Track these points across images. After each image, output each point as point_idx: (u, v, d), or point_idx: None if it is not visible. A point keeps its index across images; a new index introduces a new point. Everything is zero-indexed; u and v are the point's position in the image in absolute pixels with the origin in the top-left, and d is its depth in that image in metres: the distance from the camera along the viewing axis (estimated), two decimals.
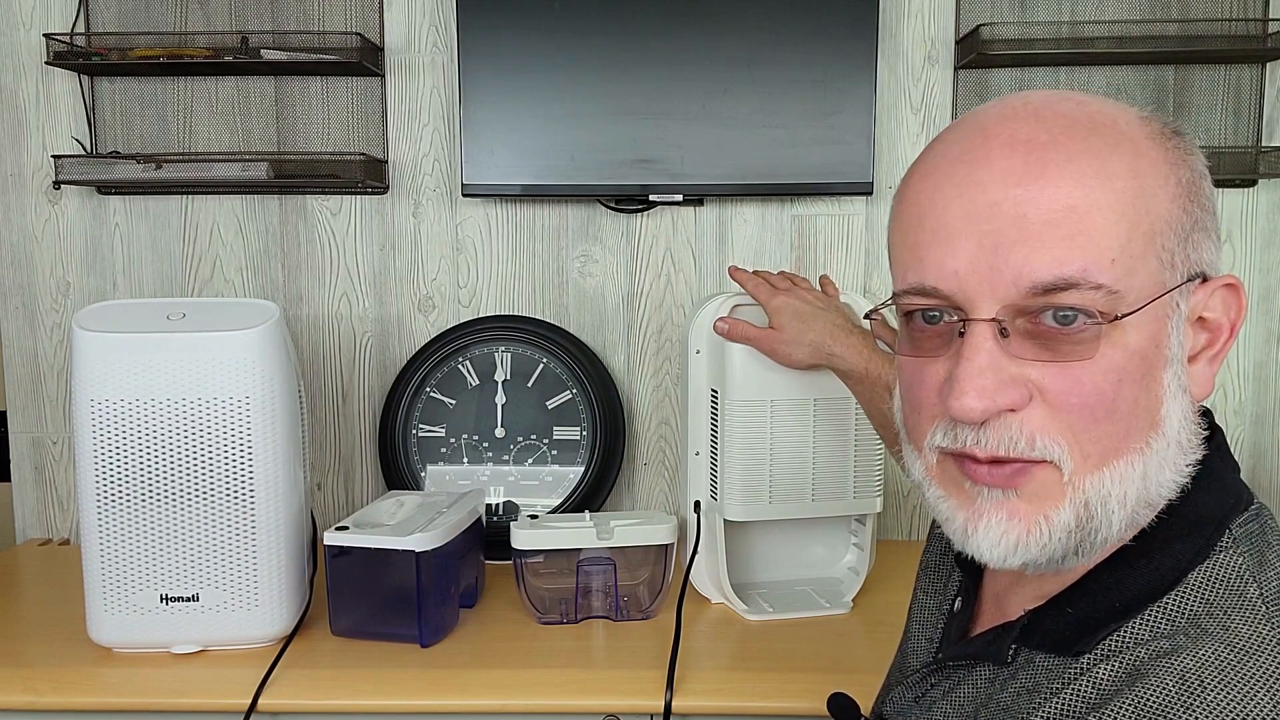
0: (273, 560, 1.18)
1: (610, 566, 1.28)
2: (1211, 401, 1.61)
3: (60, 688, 1.12)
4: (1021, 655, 0.60)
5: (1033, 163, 0.53)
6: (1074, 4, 1.54)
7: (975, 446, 0.55)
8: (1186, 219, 0.55)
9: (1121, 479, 0.54)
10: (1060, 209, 0.52)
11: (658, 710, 1.07)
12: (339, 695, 1.11)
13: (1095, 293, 0.52)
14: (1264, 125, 1.55)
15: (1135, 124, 0.56)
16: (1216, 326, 0.58)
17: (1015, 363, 0.54)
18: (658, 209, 1.60)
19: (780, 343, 1.17)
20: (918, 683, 0.69)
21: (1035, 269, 0.52)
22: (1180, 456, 0.57)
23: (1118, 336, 0.53)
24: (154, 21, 1.57)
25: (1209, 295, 0.57)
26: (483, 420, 1.57)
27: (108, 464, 1.14)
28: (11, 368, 1.64)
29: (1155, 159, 0.55)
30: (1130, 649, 0.54)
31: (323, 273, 1.62)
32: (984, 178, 0.54)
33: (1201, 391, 0.58)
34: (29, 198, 1.61)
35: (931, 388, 0.57)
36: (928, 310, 0.56)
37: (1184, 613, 0.54)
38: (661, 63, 1.48)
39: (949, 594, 0.74)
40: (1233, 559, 0.55)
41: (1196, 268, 0.56)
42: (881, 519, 1.41)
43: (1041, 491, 0.55)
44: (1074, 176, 0.53)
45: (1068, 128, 0.54)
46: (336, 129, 1.60)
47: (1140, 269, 0.53)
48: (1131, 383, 0.54)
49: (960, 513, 0.57)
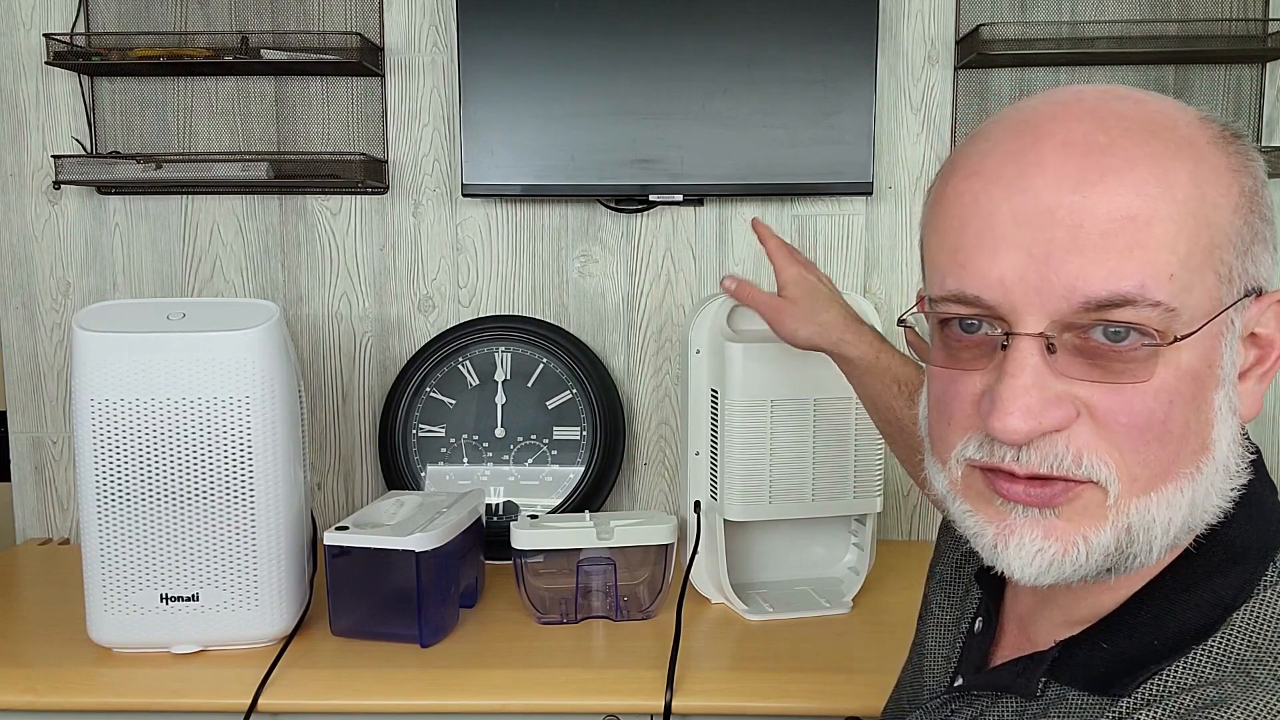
0: (273, 560, 1.18)
1: (610, 566, 1.28)
2: None
3: (60, 688, 1.12)
4: (1052, 690, 0.57)
5: (1090, 167, 0.49)
6: (1074, 4, 1.54)
7: (1014, 464, 0.51)
8: (1247, 231, 0.52)
9: (1169, 504, 0.51)
10: (1119, 219, 0.48)
11: (658, 710, 1.07)
12: (339, 695, 1.11)
13: (1152, 310, 0.49)
14: (1264, 125, 1.55)
15: (1196, 126, 0.53)
16: (1268, 343, 0.55)
17: (1062, 380, 0.50)
18: (658, 209, 1.60)
19: (789, 314, 1.08)
20: (938, 709, 0.66)
21: (1090, 283, 0.48)
22: (1227, 481, 0.54)
23: (1172, 356, 0.50)
24: (154, 21, 1.57)
25: (1263, 311, 0.54)
26: (483, 420, 1.57)
27: (108, 464, 1.14)
28: (11, 368, 1.64)
29: (1218, 165, 0.51)
30: (1174, 695, 0.51)
31: (323, 273, 1.62)
32: (1036, 181, 0.50)
33: (1250, 412, 0.55)
34: (29, 198, 1.61)
35: (967, 400, 0.54)
36: (965, 319, 0.53)
37: (1230, 658, 0.51)
38: (661, 63, 1.48)
39: (967, 612, 0.71)
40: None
41: (1254, 282, 0.53)
42: (881, 519, 1.41)
43: (1083, 511, 0.51)
44: (1134, 184, 0.49)
45: (1127, 130, 0.50)
46: (336, 129, 1.60)
47: (1198, 285, 0.50)
48: (1183, 404, 0.50)
49: (989, 528, 0.54)
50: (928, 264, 0.57)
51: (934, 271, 0.55)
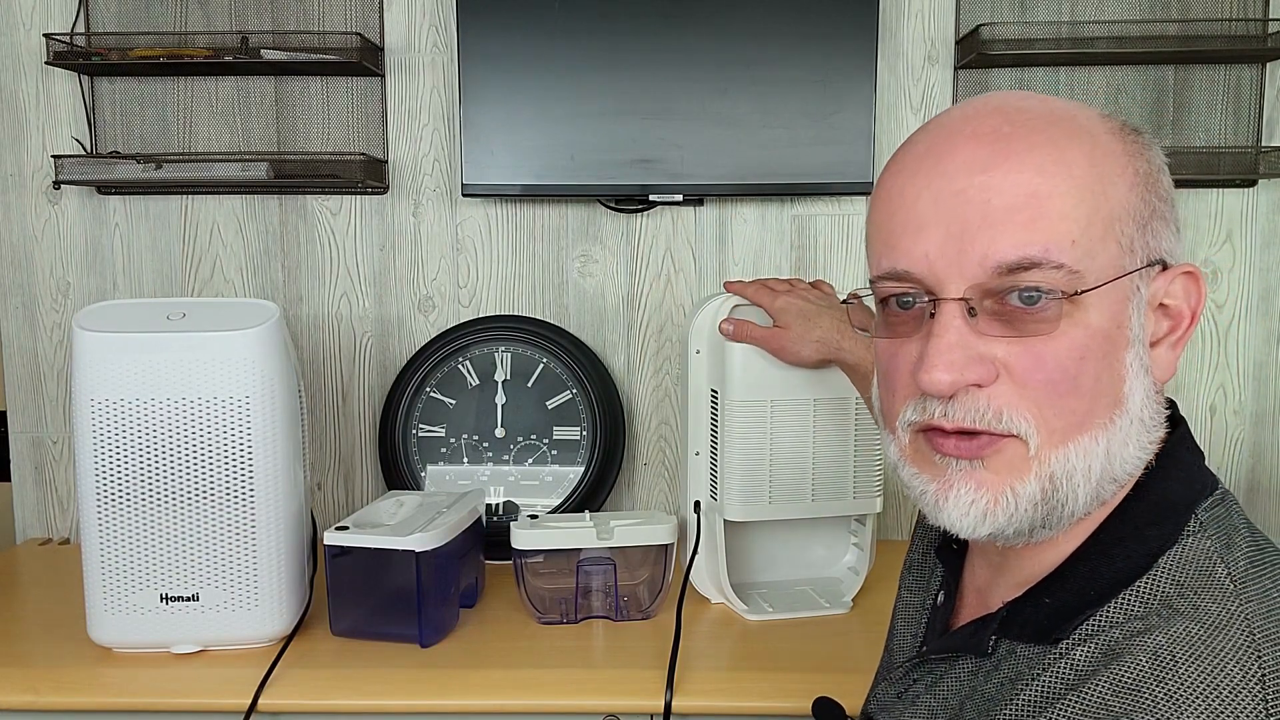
0: (273, 560, 1.18)
1: (610, 566, 1.28)
2: (1211, 402, 1.61)
3: (60, 688, 1.12)
4: (1003, 646, 0.61)
5: (996, 151, 0.56)
6: (1074, 4, 1.54)
7: (943, 419, 0.57)
8: (1145, 207, 0.58)
9: (1085, 453, 0.57)
10: (1022, 194, 0.55)
11: (658, 710, 1.07)
12: (339, 695, 1.11)
13: (1057, 272, 0.55)
14: (1264, 125, 1.55)
15: (1094, 120, 0.59)
16: (1178, 313, 0.60)
17: (983, 340, 0.56)
18: (658, 209, 1.60)
19: (788, 340, 1.18)
20: (901, 678, 0.70)
21: (1000, 250, 0.55)
22: (1144, 434, 0.59)
23: (1079, 316, 0.55)
24: (154, 21, 1.57)
25: (1169, 282, 0.59)
26: (483, 420, 1.57)
27: (108, 464, 1.14)
28: (11, 368, 1.64)
29: (1113, 150, 0.58)
30: (1105, 631, 0.55)
31: (323, 273, 1.62)
32: (949, 168, 0.57)
33: (1164, 374, 0.60)
34: (29, 198, 1.61)
35: (905, 368, 0.60)
36: (902, 295, 0.59)
37: (1156, 594, 0.56)
38: (661, 63, 1.48)
39: (932, 589, 0.76)
40: (1201, 542, 0.58)
41: (1156, 254, 0.58)
42: (881, 519, 1.41)
43: (1008, 465, 0.57)
44: (1034, 164, 0.55)
45: (1028, 121, 0.57)
46: (336, 129, 1.60)
47: (1100, 252, 0.56)
48: (1094, 360, 0.56)
49: (931, 485, 0.59)
50: (869, 251, 0.64)
51: (873, 254, 0.62)
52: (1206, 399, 1.61)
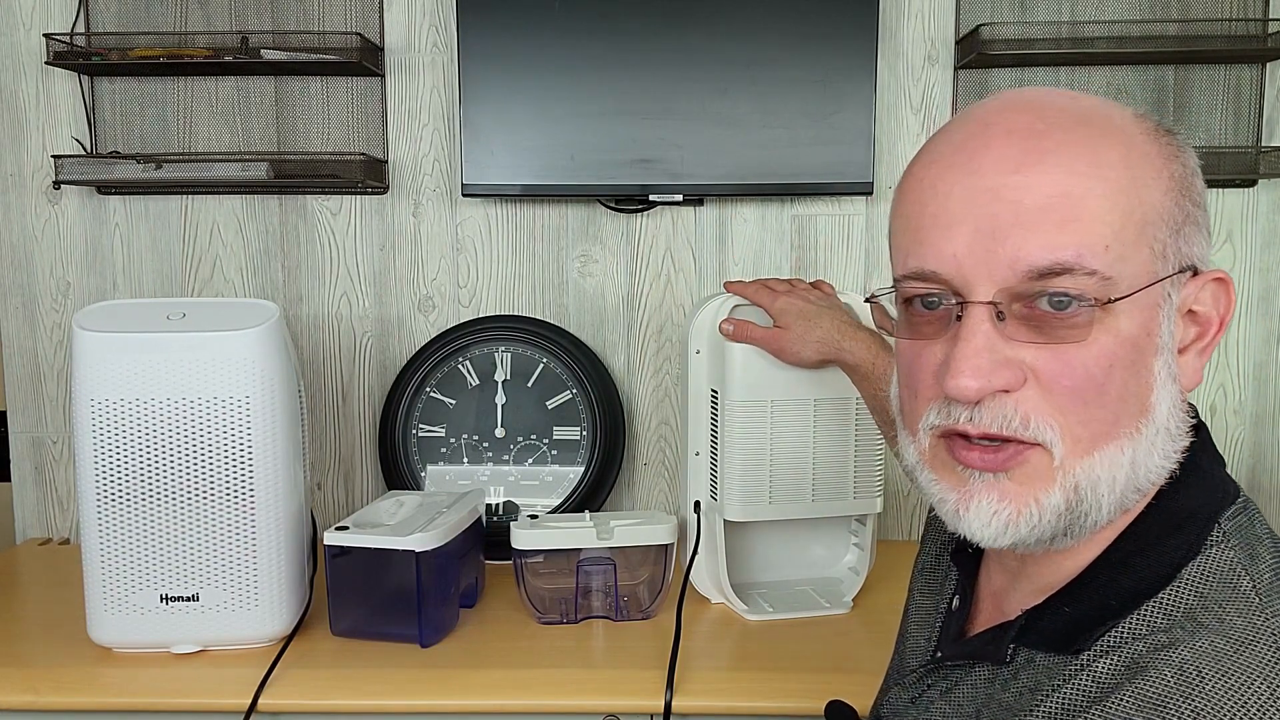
0: (273, 560, 1.18)
1: (610, 566, 1.28)
2: (1211, 401, 1.61)
3: (60, 688, 1.12)
4: (1021, 655, 0.60)
5: (1029, 150, 0.54)
6: (1074, 4, 1.54)
7: (968, 424, 0.56)
8: (1178, 212, 0.56)
9: (1111, 464, 0.55)
10: (1055, 195, 0.54)
11: (658, 710, 1.07)
12: (339, 695, 1.11)
13: (1089, 278, 0.53)
14: (1264, 125, 1.55)
15: (1129, 120, 0.57)
16: (1206, 320, 0.59)
17: (1010, 345, 0.55)
18: (658, 209, 1.60)
19: (788, 341, 1.18)
20: (915, 683, 0.69)
21: (1031, 253, 0.53)
22: (1169, 443, 0.58)
23: (1110, 322, 0.54)
24: (154, 21, 1.57)
25: (1199, 289, 0.58)
26: (483, 420, 1.57)
27: (108, 464, 1.14)
28: (11, 368, 1.64)
29: (1149, 152, 0.56)
30: (1129, 643, 0.54)
31: (323, 273, 1.62)
32: (981, 165, 0.55)
33: (1190, 382, 0.59)
34: (29, 198, 1.61)
35: (929, 370, 0.58)
36: (927, 296, 0.58)
37: (1180, 607, 0.55)
38: (661, 63, 1.48)
39: (946, 593, 0.75)
40: (1224, 553, 0.56)
41: (1188, 260, 0.57)
42: (881, 519, 1.41)
43: (1032, 475, 0.56)
44: (1068, 164, 0.54)
45: (1062, 119, 0.56)
46: (336, 129, 1.60)
47: (1133, 257, 0.54)
48: (1122, 368, 0.55)
49: (952, 494, 0.58)
50: (893, 246, 0.62)
51: (898, 252, 0.60)
52: (1206, 399, 1.61)
